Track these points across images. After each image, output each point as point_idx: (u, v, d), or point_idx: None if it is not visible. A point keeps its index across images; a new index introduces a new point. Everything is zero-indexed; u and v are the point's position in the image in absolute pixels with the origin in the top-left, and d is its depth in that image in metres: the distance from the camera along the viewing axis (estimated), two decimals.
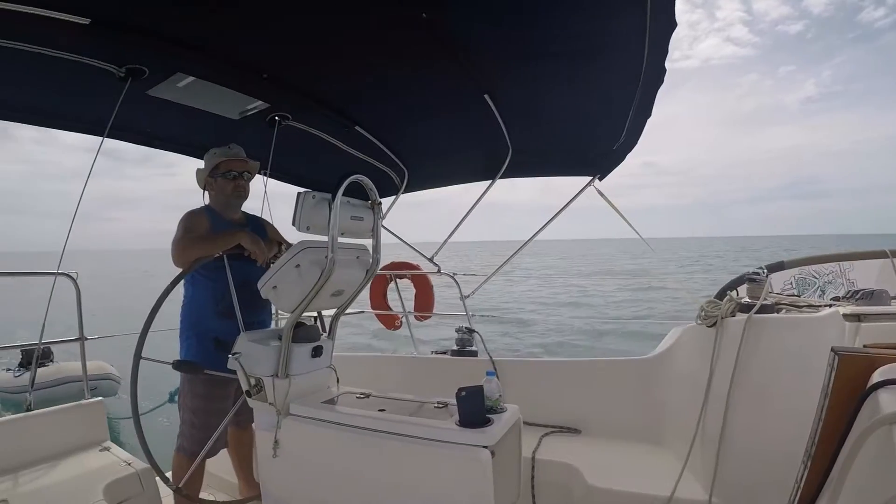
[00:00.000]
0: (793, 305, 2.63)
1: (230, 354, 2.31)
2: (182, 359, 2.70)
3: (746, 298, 2.57)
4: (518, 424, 2.20)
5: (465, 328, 3.75)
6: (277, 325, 3.17)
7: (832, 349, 1.56)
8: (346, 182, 2.15)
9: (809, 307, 2.60)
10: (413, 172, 4.01)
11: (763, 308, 2.42)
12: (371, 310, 5.25)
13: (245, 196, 2.87)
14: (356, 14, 2.12)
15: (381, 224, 2.49)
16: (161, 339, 2.54)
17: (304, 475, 2.32)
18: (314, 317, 2.60)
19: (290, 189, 3.49)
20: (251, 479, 3.05)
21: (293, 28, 2.23)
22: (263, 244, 2.58)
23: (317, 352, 2.41)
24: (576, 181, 3.71)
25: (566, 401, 3.20)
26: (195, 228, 2.67)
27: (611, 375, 3.21)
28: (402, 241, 4.11)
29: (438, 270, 4.39)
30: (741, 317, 2.41)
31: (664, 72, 2.37)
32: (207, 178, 2.82)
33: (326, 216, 2.14)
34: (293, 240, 2.82)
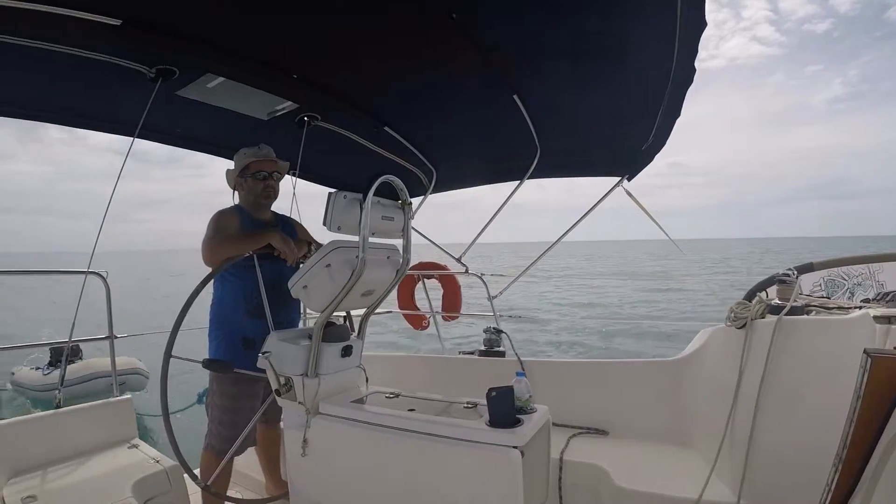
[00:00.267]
0: (822, 307, 2.63)
1: (260, 353, 2.35)
2: (211, 357, 2.76)
3: (776, 300, 2.55)
4: (548, 425, 2.22)
5: (493, 328, 3.77)
6: (305, 325, 3.22)
7: (865, 351, 1.55)
8: (378, 182, 2.17)
9: (839, 309, 2.59)
10: (441, 173, 4.06)
11: (793, 310, 2.41)
12: (399, 309, 5.28)
13: (275, 196, 2.92)
14: (386, 14, 2.15)
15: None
16: (189, 338, 2.58)
17: (333, 474, 2.36)
18: (343, 316, 2.63)
19: (317, 189, 3.58)
20: (278, 478, 3.11)
21: (323, 29, 2.28)
22: (293, 244, 2.62)
23: (346, 351, 2.45)
24: (602, 182, 3.72)
25: (594, 402, 3.21)
26: (225, 228, 2.72)
27: (639, 377, 3.22)
28: (431, 242, 4.16)
29: (466, 271, 4.42)
30: (771, 318, 2.41)
31: (694, 71, 2.39)
32: (237, 178, 2.87)
33: (357, 216, 2.15)
34: (321, 239, 2.89)
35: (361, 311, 2.70)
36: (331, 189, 2.25)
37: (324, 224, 2.22)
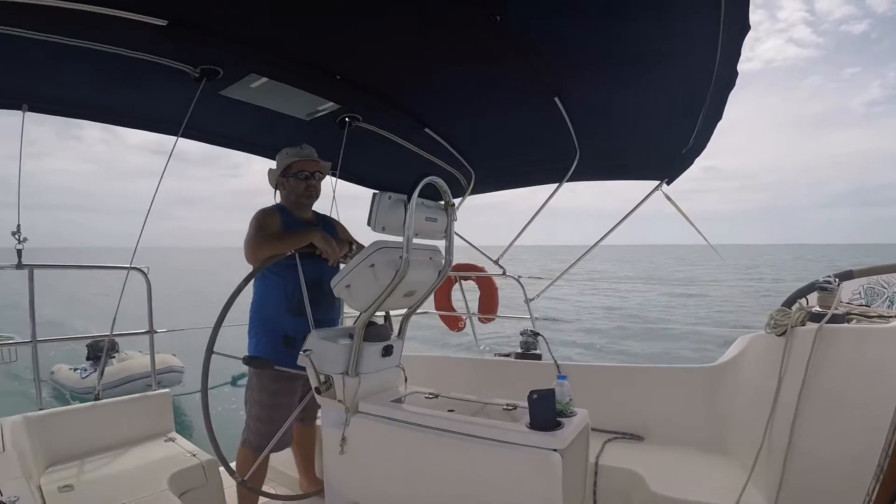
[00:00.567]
0: (863, 315, 2.59)
1: (301, 351, 2.40)
2: (252, 354, 2.82)
3: (816, 307, 2.55)
4: (587, 429, 2.25)
5: (530, 331, 3.80)
6: (343, 324, 3.27)
7: None
8: (423, 183, 2.20)
9: (880, 318, 2.55)
10: (480, 174, 4.11)
11: (834, 318, 2.40)
12: (435, 310, 5.31)
13: (316, 196, 2.97)
14: (428, 16, 2.19)
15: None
16: (227, 334, 2.63)
17: (370, 472, 2.40)
18: (383, 316, 2.69)
19: (353, 190, 3.64)
20: (312, 475, 3.19)
21: (366, 29, 2.32)
22: (335, 244, 2.68)
23: (387, 351, 2.50)
24: (637, 186, 3.75)
25: (629, 407, 3.21)
26: (268, 227, 2.79)
27: (675, 382, 3.21)
28: (469, 244, 4.19)
29: (503, 273, 4.45)
30: (812, 326, 2.40)
31: (736, 74, 2.40)
32: (279, 178, 2.93)
33: (401, 217, 2.19)
34: (359, 239, 2.95)
35: (400, 312, 2.75)
36: (369, 189, 2.28)
37: (368, 224, 2.24)
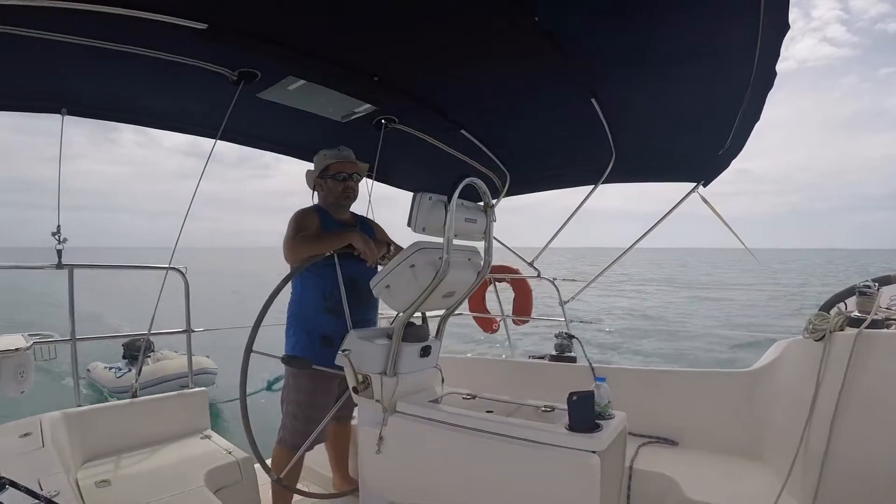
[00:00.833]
0: None
1: (340, 351, 2.45)
2: (289, 353, 2.89)
3: (855, 312, 2.53)
4: (624, 432, 2.27)
5: (565, 334, 3.85)
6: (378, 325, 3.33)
7: None
8: (462, 184, 2.23)
9: None
10: (515, 176, 4.13)
11: (873, 323, 2.39)
12: (469, 312, 5.34)
13: (354, 197, 3.03)
14: (466, 18, 2.21)
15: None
16: (263, 334, 2.69)
17: (406, 472, 2.44)
18: (420, 317, 2.72)
19: (388, 190, 3.71)
20: (346, 474, 3.26)
21: (403, 31, 2.36)
22: (373, 245, 2.74)
23: (425, 351, 2.55)
24: (670, 187, 3.76)
25: (664, 411, 3.22)
26: (307, 227, 2.85)
27: (710, 387, 3.21)
28: (504, 246, 4.22)
29: (538, 275, 4.48)
30: (850, 331, 2.39)
31: (775, 75, 2.39)
32: (317, 179, 3.00)
33: (441, 218, 2.22)
34: (396, 241, 3.01)
35: (438, 313, 2.79)
36: (405, 191, 2.33)
37: (408, 225, 2.28)
